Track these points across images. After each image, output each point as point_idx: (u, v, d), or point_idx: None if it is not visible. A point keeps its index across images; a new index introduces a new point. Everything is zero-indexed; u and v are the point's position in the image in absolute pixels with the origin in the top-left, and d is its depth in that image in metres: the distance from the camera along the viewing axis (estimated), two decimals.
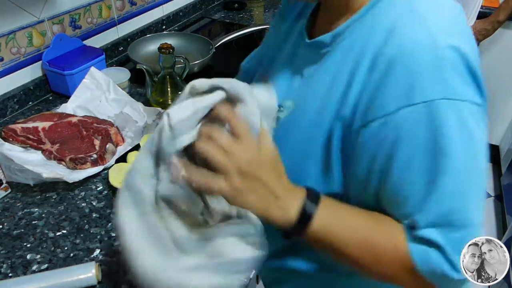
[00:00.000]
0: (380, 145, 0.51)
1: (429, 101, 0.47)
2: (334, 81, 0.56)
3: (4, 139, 0.98)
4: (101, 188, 0.92)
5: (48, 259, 0.76)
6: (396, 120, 0.49)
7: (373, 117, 0.51)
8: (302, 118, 0.60)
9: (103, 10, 1.40)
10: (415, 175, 0.51)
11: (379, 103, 0.50)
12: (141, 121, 1.08)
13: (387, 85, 0.49)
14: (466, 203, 0.51)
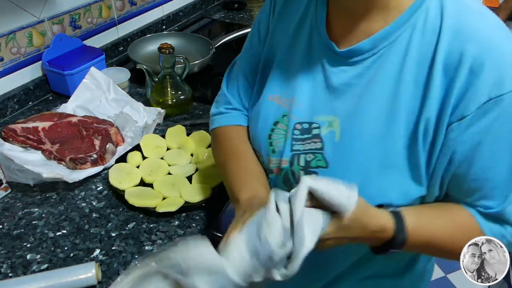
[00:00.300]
0: (472, 134, 0.53)
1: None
2: (400, 86, 0.56)
3: (4, 139, 0.98)
4: (101, 188, 0.92)
5: (48, 259, 0.76)
6: (485, 110, 0.52)
7: (465, 113, 0.53)
8: (365, 134, 0.58)
9: (103, 10, 1.40)
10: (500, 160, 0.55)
11: (470, 99, 0.52)
12: (141, 121, 1.08)
13: (478, 82, 0.52)
14: None
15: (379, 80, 0.57)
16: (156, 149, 1.01)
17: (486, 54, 0.52)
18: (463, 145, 0.54)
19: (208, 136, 1.04)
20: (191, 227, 0.83)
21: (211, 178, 0.92)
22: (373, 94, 0.57)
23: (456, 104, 0.53)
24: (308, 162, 0.61)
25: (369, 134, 0.58)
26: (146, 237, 0.81)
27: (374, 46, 0.57)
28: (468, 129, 0.53)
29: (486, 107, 0.52)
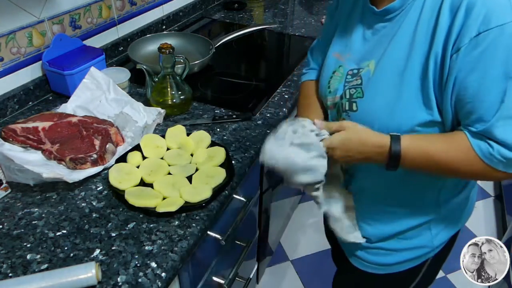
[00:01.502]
0: (466, 63, 0.65)
1: (502, 24, 0.61)
2: (416, 33, 0.70)
3: (4, 139, 0.98)
4: (101, 188, 0.92)
5: (48, 259, 0.76)
6: (477, 42, 0.63)
7: (461, 45, 0.65)
8: (389, 65, 0.74)
9: (103, 10, 1.40)
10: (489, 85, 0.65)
11: (465, 34, 0.64)
12: (141, 121, 1.08)
13: (470, 20, 0.63)
14: None
15: (403, 27, 0.73)
16: (156, 149, 1.01)
17: None
18: (460, 72, 0.66)
19: (208, 136, 1.04)
20: (191, 227, 0.83)
21: (211, 178, 0.92)
22: (398, 38, 0.73)
23: (455, 39, 0.65)
24: (351, 95, 0.79)
25: (393, 69, 0.73)
26: (146, 237, 0.81)
27: (402, 4, 0.73)
28: (463, 58, 0.65)
29: (476, 40, 0.63)
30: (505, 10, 0.63)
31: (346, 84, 0.81)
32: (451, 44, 0.66)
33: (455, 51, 0.66)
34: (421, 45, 0.70)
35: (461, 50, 0.65)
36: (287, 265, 1.90)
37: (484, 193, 2.39)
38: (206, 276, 1.02)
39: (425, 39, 0.70)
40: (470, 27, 0.63)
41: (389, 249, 0.89)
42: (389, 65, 0.74)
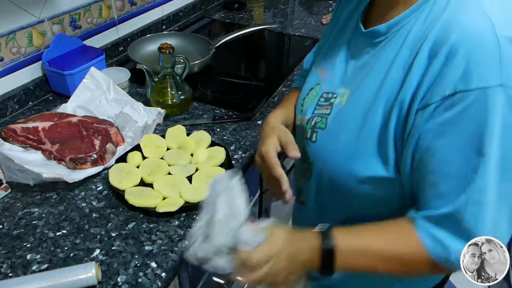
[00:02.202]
0: (435, 124, 0.54)
1: (485, 87, 0.50)
2: (391, 68, 0.60)
3: (4, 139, 0.98)
4: (101, 188, 0.92)
5: (48, 259, 0.76)
6: (451, 103, 0.52)
7: (431, 101, 0.54)
8: (359, 102, 0.65)
9: (103, 10, 1.40)
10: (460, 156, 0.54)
11: (438, 88, 0.53)
12: (141, 121, 1.08)
13: (447, 71, 0.53)
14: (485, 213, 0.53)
15: (381, 60, 0.63)
16: (156, 149, 1.01)
17: (462, 42, 0.52)
18: (427, 133, 0.55)
19: (208, 136, 1.04)
20: (191, 227, 0.83)
21: (211, 178, 0.92)
22: (374, 72, 0.63)
23: (426, 91, 0.55)
24: (316, 123, 0.71)
25: (360, 108, 0.64)
26: (146, 237, 0.81)
27: (388, 30, 0.63)
28: (431, 118, 0.54)
29: (452, 100, 0.52)
30: (491, 69, 0.51)
31: (317, 108, 0.73)
32: (420, 97, 0.55)
33: (422, 106, 0.55)
34: (390, 86, 0.60)
35: (430, 108, 0.54)
36: None
37: None
38: (206, 276, 1.02)
39: (398, 78, 0.59)
40: (445, 81, 0.53)
41: None
42: (359, 102, 0.65)
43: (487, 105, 0.50)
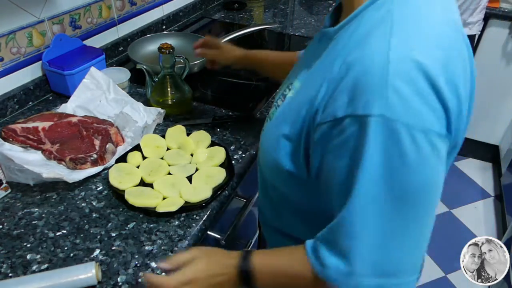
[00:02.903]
0: (324, 146, 0.54)
1: (367, 115, 0.48)
2: (316, 75, 0.59)
3: (4, 139, 0.98)
4: (101, 188, 0.92)
5: (48, 259, 0.76)
6: (341, 127, 0.51)
7: (324, 120, 0.53)
8: (293, 99, 0.65)
9: (103, 10, 1.40)
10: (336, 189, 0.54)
11: (332, 107, 0.52)
12: (141, 121, 1.08)
13: (340, 91, 0.51)
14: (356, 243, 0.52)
15: (317, 62, 0.62)
16: (156, 149, 1.01)
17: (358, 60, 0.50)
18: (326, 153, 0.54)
19: (208, 136, 1.04)
20: (191, 227, 0.83)
21: (211, 178, 0.92)
22: (311, 72, 0.63)
23: (324, 108, 0.54)
24: (271, 113, 0.71)
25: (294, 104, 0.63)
26: (146, 237, 0.81)
27: (333, 36, 0.60)
28: (328, 137, 0.53)
29: (341, 125, 0.51)
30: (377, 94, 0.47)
31: (280, 98, 0.72)
32: (320, 112, 0.54)
33: (318, 123, 0.54)
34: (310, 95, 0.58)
35: (324, 126, 0.53)
36: None
37: (484, 193, 2.39)
38: None
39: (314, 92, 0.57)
40: (337, 101, 0.51)
41: None
42: (295, 97, 0.65)
43: (366, 133, 0.48)
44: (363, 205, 0.51)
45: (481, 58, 2.24)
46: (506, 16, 2.09)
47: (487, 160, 2.62)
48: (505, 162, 2.32)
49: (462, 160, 2.63)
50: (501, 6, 2.12)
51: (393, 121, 0.47)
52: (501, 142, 2.51)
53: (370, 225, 0.51)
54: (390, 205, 0.50)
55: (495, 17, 2.11)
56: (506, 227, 1.95)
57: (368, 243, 0.52)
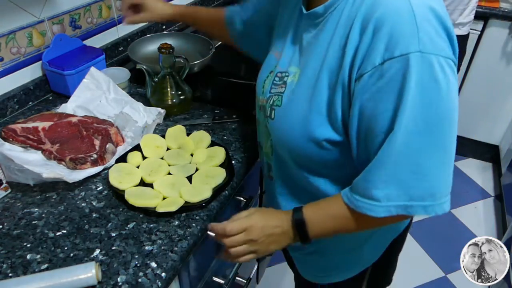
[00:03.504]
0: (371, 95, 0.61)
1: (406, 53, 0.57)
2: (330, 46, 0.67)
3: (4, 139, 0.98)
4: (101, 188, 0.92)
5: (48, 259, 0.76)
6: (381, 71, 0.59)
7: (365, 71, 0.61)
8: (307, 79, 0.71)
9: (103, 10, 1.40)
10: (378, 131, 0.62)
11: (370, 58, 0.60)
12: (141, 121, 1.08)
13: (376, 43, 0.59)
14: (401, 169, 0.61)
15: (320, 39, 0.69)
16: (156, 149, 1.01)
17: (385, 17, 0.59)
18: (367, 102, 0.62)
19: (208, 136, 1.04)
20: (191, 227, 0.83)
21: (211, 178, 0.92)
22: (316, 51, 0.70)
23: (360, 63, 0.61)
24: (274, 102, 0.77)
25: (309, 82, 0.70)
26: (146, 237, 0.81)
27: (325, 11, 0.69)
28: (368, 87, 0.61)
29: (381, 69, 0.59)
30: (411, 38, 0.57)
31: (273, 87, 0.79)
32: (356, 68, 0.62)
33: (358, 76, 0.62)
34: (331, 60, 0.66)
35: (364, 77, 0.61)
36: (287, 265, 1.89)
37: (484, 193, 2.39)
38: (206, 276, 1.02)
39: (336, 54, 0.65)
40: (375, 52, 0.59)
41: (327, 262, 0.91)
42: (307, 77, 0.71)
43: (408, 67, 0.57)
44: (404, 137, 0.59)
45: (481, 58, 2.24)
46: (506, 16, 2.09)
47: (487, 160, 2.63)
48: (505, 162, 2.32)
49: (462, 160, 2.63)
50: (501, 6, 2.12)
51: (428, 54, 0.57)
52: (501, 142, 2.51)
53: (411, 155, 0.60)
54: (427, 135, 0.59)
55: (495, 17, 2.12)
56: (506, 227, 1.95)
57: (408, 172, 0.61)
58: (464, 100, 2.38)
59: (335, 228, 0.72)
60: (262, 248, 0.75)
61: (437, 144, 0.61)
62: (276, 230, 0.74)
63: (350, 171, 0.71)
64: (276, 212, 0.77)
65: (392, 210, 0.63)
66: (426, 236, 2.08)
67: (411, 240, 2.05)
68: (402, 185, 0.62)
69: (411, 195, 0.62)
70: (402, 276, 1.85)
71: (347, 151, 0.70)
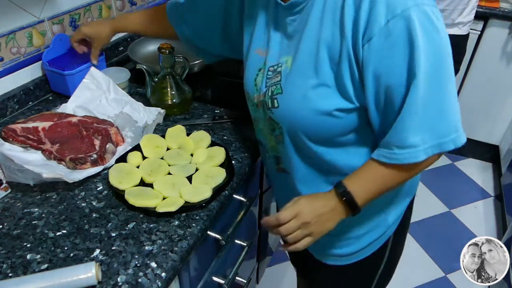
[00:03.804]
0: (378, 54, 0.66)
1: (405, 9, 0.63)
2: (322, 24, 0.72)
3: (4, 139, 0.98)
4: (101, 188, 0.92)
5: (48, 259, 0.76)
6: (387, 30, 0.65)
7: (372, 35, 0.66)
8: (303, 60, 0.75)
9: (103, 10, 1.40)
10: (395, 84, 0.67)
11: (374, 23, 0.65)
12: (141, 121, 1.08)
13: (376, 8, 0.65)
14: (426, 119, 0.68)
15: (310, 22, 0.73)
16: (156, 149, 1.01)
17: None
18: (381, 62, 0.67)
19: (208, 136, 1.04)
20: (191, 227, 0.83)
21: (211, 178, 0.92)
22: (308, 31, 0.74)
23: (365, 29, 0.66)
24: (272, 92, 0.80)
25: (308, 63, 0.74)
26: (146, 237, 0.81)
27: None
28: (377, 47, 0.66)
29: (387, 28, 0.64)
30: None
31: (268, 80, 0.82)
32: (361, 35, 0.67)
33: (367, 41, 0.66)
34: (327, 36, 0.71)
35: (373, 40, 0.66)
36: (287, 265, 1.90)
37: (484, 193, 2.39)
38: (206, 276, 1.02)
39: (332, 29, 0.71)
40: (377, 15, 0.65)
41: (352, 238, 0.92)
42: (303, 59, 0.75)
43: (410, 20, 0.63)
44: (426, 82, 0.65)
45: (481, 58, 2.24)
46: (506, 16, 2.09)
47: (487, 160, 2.62)
48: (505, 162, 2.32)
49: (462, 160, 2.63)
50: (501, 6, 2.12)
51: (422, 5, 0.64)
52: (501, 142, 2.51)
53: (435, 96, 0.67)
54: (438, 80, 0.66)
55: (495, 17, 2.11)
56: (506, 227, 1.95)
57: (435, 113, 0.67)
58: (464, 100, 2.38)
59: (380, 188, 0.77)
60: (317, 228, 0.78)
61: (449, 79, 0.68)
62: (326, 209, 0.77)
63: (369, 136, 0.78)
64: (320, 194, 0.80)
65: (428, 151, 0.69)
66: (426, 236, 2.08)
67: (411, 240, 2.05)
68: (432, 126, 0.68)
69: (441, 133, 0.69)
70: (402, 276, 1.85)
71: (361, 115, 0.75)
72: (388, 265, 0.98)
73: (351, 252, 0.94)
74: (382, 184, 0.76)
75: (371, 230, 0.91)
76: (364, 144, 0.81)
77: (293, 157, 0.86)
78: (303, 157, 0.85)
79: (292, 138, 0.83)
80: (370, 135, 0.79)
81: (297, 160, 0.86)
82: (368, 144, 0.81)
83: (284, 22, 0.79)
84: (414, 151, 0.69)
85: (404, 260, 1.09)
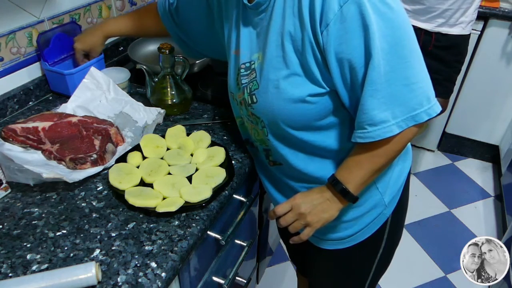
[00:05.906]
0: (338, 36, 0.69)
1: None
2: (284, 18, 0.75)
3: (4, 139, 0.98)
4: (101, 188, 0.92)
5: (48, 259, 0.76)
6: (341, 15, 0.67)
7: (328, 21, 0.69)
8: (272, 54, 0.78)
9: (103, 10, 1.40)
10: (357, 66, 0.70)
11: (328, 10, 0.68)
12: (141, 121, 1.08)
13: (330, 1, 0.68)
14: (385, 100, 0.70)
15: (274, 17, 0.77)
16: (156, 149, 1.01)
17: None
18: (340, 46, 0.69)
19: (208, 136, 1.04)
20: (191, 227, 0.83)
21: (211, 178, 0.92)
22: (272, 29, 0.78)
23: (321, 16, 0.69)
24: (250, 88, 0.84)
25: (273, 57, 0.78)
26: (146, 237, 0.81)
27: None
28: (334, 32, 0.69)
29: (341, 13, 0.67)
30: None
31: (243, 78, 0.86)
32: (318, 22, 0.70)
33: (324, 27, 0.69)
34: (289, 28, 0.74)
35: (330, 26, 0.68)
36: (287, 265, 1.90)
37: (484, 193, 2.39)
38: (206, 276, 1.02)
39: (292, 21, 0.74)
40: (331, 2, 0.67)
41: (350, 220, 0.93)
42: (272, 53, 0.78)
43: (362, 4, 0.66)
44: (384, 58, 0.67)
45: (481, 58, 2.24)
46: (506, 16, 2.09)
47: (487, 160, 2.62)
48: (505, 162, 2.32)
49: (462, 160, 2.63)
50: (501, 6, 2.12)
51: None
52: (501, 142, 2.50)
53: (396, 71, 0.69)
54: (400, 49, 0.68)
55: (495, 17, 2.11)
56: (506, 227, 1.95)
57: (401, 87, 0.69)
58: (464, 100, 2.38)
59: (369, 171, 0.79)
60: (314, 218, 0.83)
61: (411, 53, 0.70)
62: (320, 200, 0.83)
63: (346, 114, 0.80)
64: (316, 187, 0.85)
65: (402, 124, 0.72)
66: (426, 236, 2.08)
67: (411, 240, 2.05)
68: (400, 100, 0.70)
69: (412, 106, 0.71)
70: (402, 276, 1.85)
71: (333, 98, 0.78)
72: (387, 248, 0.99)
73: (349, 234, 0.95)
74: (369, 166, 0.79)
75: (368, 211, 0.92)
76: (344, 124, 0.83)
77: (280, 147, 0.88)
78: (290, 145, 0.87)
79: (274, 129, 0.85)
80: (348, 116, 0.81)
81: (286, 150, 0.88)
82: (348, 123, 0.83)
83: (252, 22, 0.83)
84: (386, 126, 0.72)
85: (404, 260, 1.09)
